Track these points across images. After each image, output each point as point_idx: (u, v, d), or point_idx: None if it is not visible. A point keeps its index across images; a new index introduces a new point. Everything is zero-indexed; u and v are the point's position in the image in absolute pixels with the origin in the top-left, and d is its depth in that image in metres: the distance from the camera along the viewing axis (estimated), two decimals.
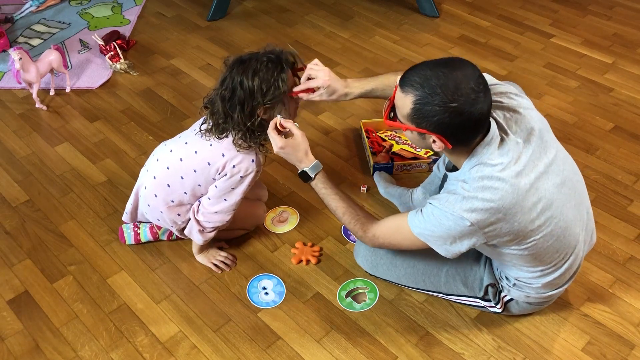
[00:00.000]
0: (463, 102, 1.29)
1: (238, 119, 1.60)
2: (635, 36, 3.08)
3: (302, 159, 1.61)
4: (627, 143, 2.41)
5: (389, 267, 1.75)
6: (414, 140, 1.44)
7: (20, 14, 3.20)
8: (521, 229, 1.40)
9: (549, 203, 1.42)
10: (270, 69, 1.58)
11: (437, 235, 1.43)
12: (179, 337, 1.71)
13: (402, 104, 1.36)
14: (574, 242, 1.52)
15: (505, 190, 1.35)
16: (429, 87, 1.30)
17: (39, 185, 2.19)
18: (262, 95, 1.57)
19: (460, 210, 1.37)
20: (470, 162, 1.40)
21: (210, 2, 3.18)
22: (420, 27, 3.14)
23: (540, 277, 1.56)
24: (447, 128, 1.32)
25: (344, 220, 1.61)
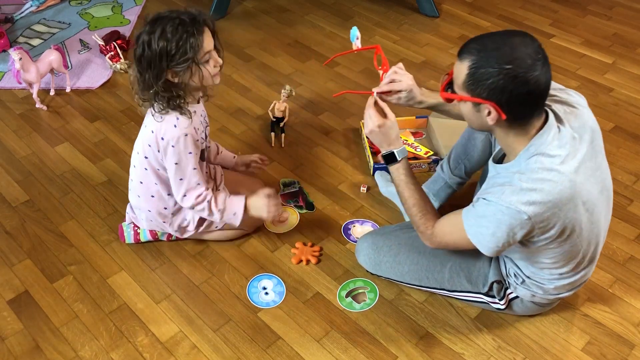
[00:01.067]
0: (518, 65, 1.25)
1: (148, 79, 1.56)
2: (635, 36, 3.09)
3: (394, 141, 1.59)
4: (627, 143, 2.41)
5: (392, 264, 1.74)
6: (468, 115, 1.40)
7: (20, 14, 3.20)
8: (568, 226, 1.39)
9: (592, 207, 1.42)
10: (179, 31, 1.50)
11: (490, 232, 1.39)
12: (179, 337, 1.71)
13: (458, 72, 1.34)
14: (598, 250, 1.54)
15: (563, 184, 1.33)
16: (484, 51, 1.29)
17: (39, 185, 2.19)
18: (167, 59, 1.51)
19: (518, 203, 1.32)
20: (528, 151, 1.36)
21: (210, 2, 3.18)
22: (420, 27, 3.14)
23: (558, 279, 1.56)
24: (501, 94, 1.28)
25: (412, 211, 1.58)
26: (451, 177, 1.96)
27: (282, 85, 2.49)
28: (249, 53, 2.92)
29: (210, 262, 1.91)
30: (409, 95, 1.65)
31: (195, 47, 1.52)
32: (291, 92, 2.42)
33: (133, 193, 1.84)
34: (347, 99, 2.62)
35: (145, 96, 1.61)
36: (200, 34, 1.54)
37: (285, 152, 2.34)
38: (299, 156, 2.32)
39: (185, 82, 1.59)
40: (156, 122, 1.64)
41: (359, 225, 2.04)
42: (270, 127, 2.40)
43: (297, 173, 2.24)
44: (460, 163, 1.92)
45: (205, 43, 1.55)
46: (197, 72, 1.57)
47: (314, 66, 2.83)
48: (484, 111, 1.34)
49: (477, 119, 1.39)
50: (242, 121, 2.50)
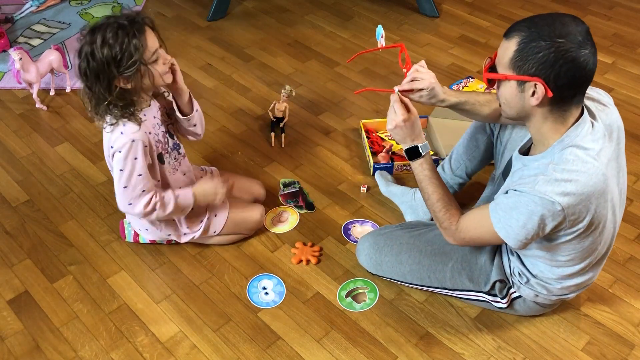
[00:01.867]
0: (570, 40, 1.24)
1: (98, 92, 1.52)
2: (635, 36, 3.09)
3: (418, 135, 1.58)
4: (627, 143, 2.37)
5: (394, 264, 1.74)
6: (510, 97, 1.36)
7: (20, 14, 3.20)
8: (595, 221, 1.38)
9: (615, 206, 1.43)
10: (120, 35, 1.47)
11: (520, 225, 1.36)
12: (179, 337, 1.71)
13: (504, 51, 1.32)
14: (608, 252, 1.55)
15: (598, 177, 1.33)
16: (535, 27, 1.27)
17: (39, 185, 2.19)
18: (115, 65, 1.48)
19: (553, 194, 1.30)
20: (562, 142, 1.35)
21: (210, 2, 3.18)
22: (420, 27, 3.14)
23: (567, 279, 1.55)
24: (551, 69, 1.25)
25: (435, 207, 1.57)
26: (452, 178, 1.96)
27: (282, 85, 2.49)
28: (249, 53, 2.92)
29: (210, 262, 1.92)
30: (430, 94, 1.63)
31: (140, 47, 1.48)
32: (291, 92, 2.42)
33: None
34: (347, 99, 2.62)
35: (101, 110, 1.57)
36: (141, 33, 1.50)
37: (285, 152, 2.34)
38: (299, 156, 2.32)
39: (138, 87, 1.56)
40: (107, 134, 1.62)
41: (359, 225, 2.04)
42: (270, 127, 2.40)
43: (297, 173, 2.24)
44: (462, 163, 1.92)
45: (149, 42, 1.52)
46: (147, 73, 1.54)
47: (314, 66, 2.83)
48: (529, 90, 1.31)
49: (519, 101, 1.35)
50: (242, 121, 2.50)
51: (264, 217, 1.99)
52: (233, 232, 1.92)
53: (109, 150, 1.64)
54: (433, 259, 1.69)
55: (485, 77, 1.39)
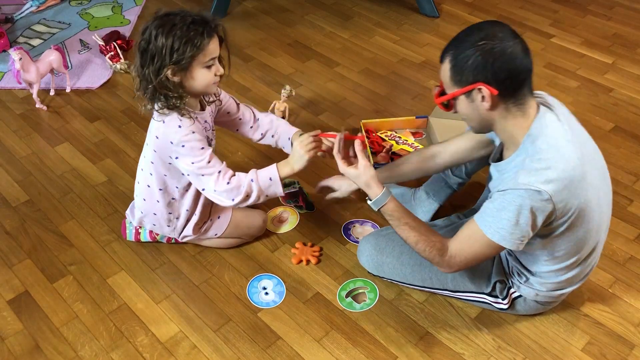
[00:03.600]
0: (490, 39, 1.32)
1: (147, 74, 1.54)
2: (635, 36, 3.09)
3: (365, 189, 1.57)
4: (627, 143, 2.41)
5: (395, 265, 1.74)
6: (467, 112, 1.41)
7: (20, 14, 3.20)
8: (583, 207, 1.39)
9: (598, 191, 1.44)
10: (190, 30, 1.49)
11: (512, 224, 1.36)
12: (179, 337, 1.71)
13: (444, 74, 1.39)
14: (601, 238, 1.54)
15: (574, 161, 1.35)
16: (458, 41, 1.37)
17: (39, 185, 2.19)
18: (170, 55, 1.50)
19: (537, 183, 1.32)
20: (531, 135, 1.37)
21: (210, 2, 3.18)
22: (420, 27, 3.14)
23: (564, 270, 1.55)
24: (485, 69, 1.32)
25: (418, 249, 1.52)
26: (451, 178, 1.96)
27: (282, 85, 2.49)
28: (249, 53, 2.92)
29: (210, 262, 1.92)
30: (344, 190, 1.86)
31: (200, 47, 1.51)
32: (291, 92, 2.42)
33: (139, 196, 1.83)
34: (347, 99, 2.62)
35: (145, 93, 1.58)
36: (209, 36, 1.52)
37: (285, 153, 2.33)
38: None
39: (184, 83, 1.58)
40: (160, 127, 1.62)
41: (359, 225, 2.04)
42: None
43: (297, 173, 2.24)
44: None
45: (210, 47, 1.54)
46: (196, 74, 1.55)
47: (314, 66, 2.84)
48: (477, 97, 1.36)
49: (475, 111, 1.39)
50: None
51: (266, 223, 1.99)
52: (234, 236, 1.91)
53: (164, 144, 1.62)
54: None
55: (438, 102, 1.45)
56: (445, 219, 1.90)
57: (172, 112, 1.60)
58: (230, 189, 1.64)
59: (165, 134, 1.61)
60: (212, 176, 1.64)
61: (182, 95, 1.59)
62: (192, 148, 1.61)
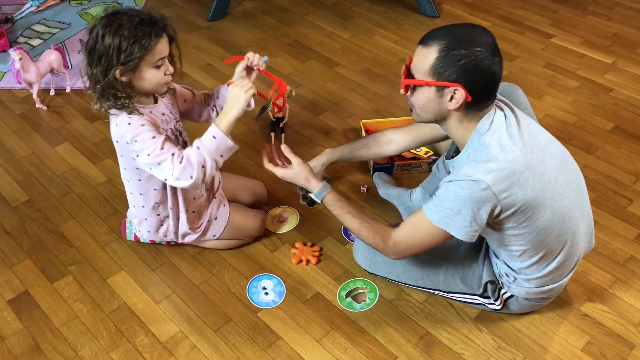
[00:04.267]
0: (486, 49, 1.34)
1: (95, 74, 1.51)
2: (635, 36, 3.09)
3: (306, 185, 1.64)
4: (627, 143, 2.41)
5: (388, 264, 1.75)
6: (427, 102, 1.42)
7: (20, 14, 3.20)
8: (533, 197, 1.41)
9: (554, 178, 1.45)
10: (137, 30, 1.47)
11: (454, 212, 1.41)
12: (179, 337, 1.71)
13: (423, 58, 1.38)
14: (574, 227, 1.54)
15: (516, 153, 1.38)
16: (454, 35, 1.36)
17: (39, 185, 2.19)
18: (117, 55, 1.47)
19: (477, 174, 1.36)
20: (478, 131, 1.42)
21: (210, 2, 3.18)
22: (420, 27, 3.14)
23: (540, 265, 1.55)
24: (471, 75, 1.34)
25: (362, 236, 1.58)
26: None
27: None
28: None
29: (210, 262, 1.92)
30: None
31: (148, 48, 1.48)
32: (291, 92, 2.42)
33: (130, 204, 1.84)
34: (347, 99, 2.62)
35: (95, 92, 1.56)
36: (157, 36, 1.50)
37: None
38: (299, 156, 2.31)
39: (133, 83, 1.55)
40: (115, 130, 1.60)
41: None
42: (270, 127, 2.40)
43: None
44: None
45: (159, 47, 1.52)
46: (145, 74, 1.54)
47: (314, 66, 2.84)
48: (447, 96, 1.38)
49: (436, 105, 1.42)
50: (242, 121, 2.49)
51: (264, 224, 1.98)
52: (233, 237, 1.91)
53: (123, 145, 1.60)
54: (426, 260, 1.70)
55: (404, 83, 1.44)
56: None
57: (122, 112, 1.58)
58: (184, 167, 1.55)
59: (121, 135, 1.59)
60: (167, 161, 1.55)
61: (131, 95, 1.57)
62: (143, 140, 1.56)
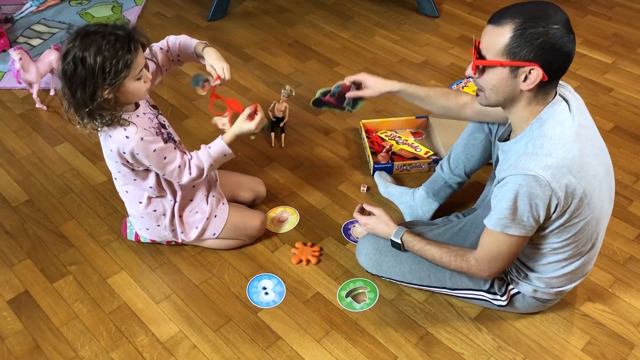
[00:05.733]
0: (563, 26, 1.29)
1: (80, 98, 1.51)
2: (635, 36, 3.09)
3: (385, 230, 1.71)
4: (627, 143, 2.41)
5: (394, 264, 1.74)
6: (500, 83, 1.36)
7: (20, 14, 3.20)
8: (583, 198, 1.39)
9: (600, 184, 1.44)
10: (116, 48, 1.47)
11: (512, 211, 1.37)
12: (179, 337, 1.71)
13: (496, 38, 1.32)
14: (601, 233, 1.54)
15: (574, 152, 1.35)
16: (529, 13, 1.29)
17: (39, 185, 2.19)
18: (102, 76, 1.48)
19: (536, 168, 1.32)
20: (541, 119, 1.38)
21: (210, 2, 3.18)
22: (420, 27, 3.14)
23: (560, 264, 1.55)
24: (549, 53, 1.29)
25: (446, 263, 1.59)
26: (451, 177, 1.96)
27: (282, 85, 2.49)
28: (249, 53, 2.92)
29: (210, 262, 1.92)
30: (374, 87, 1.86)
31: (130, 64, 1.49)
32: (291, 92, 2.42)
33: (126, 205, 1.85)
34: None
35: (81, 115, 1.56)
36: (135, 50, 1.51)
37: (285, 152, 2.34)
38: (299, 156, 2.32)
39: (119, 98, 1.56)
40: (109, 141, 1.61)
41: (358, 225, 2.04)
42: (270, 127, 2.40)
43: (296, 173, 2.25)
44: (460, 163, 1.92)
45: (138, 60, 1.53)
46: (129, 89, 1.55)
47: (314, 66, 2.84)
48: (521, 76, 1.33)
49: (509, 86, 1.36)
50: None
51: (265, 224, 1.98)
52: (233, 236, 1.91)
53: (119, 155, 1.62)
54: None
55: (475, 64, 1.38)
56: (444, 219, 1.91)
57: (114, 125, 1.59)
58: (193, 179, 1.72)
59: (118, 146, 1.60)
60: (174, 172, 1.69)
61: (117, 110, 1.58)
62: (147, 157, 1.62)
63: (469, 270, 1.56)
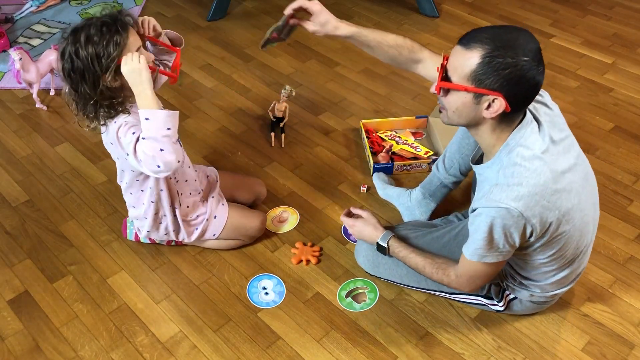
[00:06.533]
0: (532, 59, 1.26)
1: (84, 92, 1.51)
2: (635, 36, 3.08)
3: (373, 233, 1.70)
4: (627, 143, 2.41)
5: (391, 266, 1.74)
6: (463, 107, 1.35)
7: (20, 14, 3.20)
8: (561, 217, 1.38)
9: (579, 196, 1.42)
10: (104, 33, 1.46)
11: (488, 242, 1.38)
12: (179, 337, 1.71)
13: (463, 61, 1.29)
14: (588, 241, 1.54)
15: (546, 175, 1.33)
16: (500, 41, 1.26)
17: (39, 185, 2.19)
18: (98, 63, 1.47)
19: (508, 200, 1.31)
20: (508, 146, 1.36)
21: (210, 2, 3.18)
22: (420, 27, 3.14)
23: (554, 275, 1.55)
24: (515, 85, 1.27)
25: (427, 273, 1.60)
26: (446, 177, 1.95)
27: (282, 85, 2.49)
28: (249, 53, 2.92)
29: (210, 262, 1.92)
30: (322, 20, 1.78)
31: (121, 44, 1.47)
32: (291, 92, 2.42)
33: (128, 205, 1.84)
34: (347, 99, 2.62)
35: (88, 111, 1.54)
36: (125, 30, 1.49)
37: (285, 152, 2.34)
38: (299, 156, 2.32)
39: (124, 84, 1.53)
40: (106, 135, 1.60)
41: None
42: (270, 127, 2.40)
43: (297, 173, 2.25)
44: (455, 162, 1.92)
45: (131, 40, 1.51)
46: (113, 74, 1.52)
47: (314, 66, 2.84)
48: (484, 104, 1.32)
49: (471, 112, 1.35)
50: (242, 121, 2.50)
51: (265, 224, 1.98)
52: (232, 237, 1.91)
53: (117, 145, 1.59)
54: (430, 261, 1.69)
55: (439, 86, 1.35)
56: (444, 219, 1.91)
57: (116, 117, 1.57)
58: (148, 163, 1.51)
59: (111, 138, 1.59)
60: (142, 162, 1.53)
61: (127, 96, 1.56)
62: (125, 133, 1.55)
63: (450, 285, 1.57)
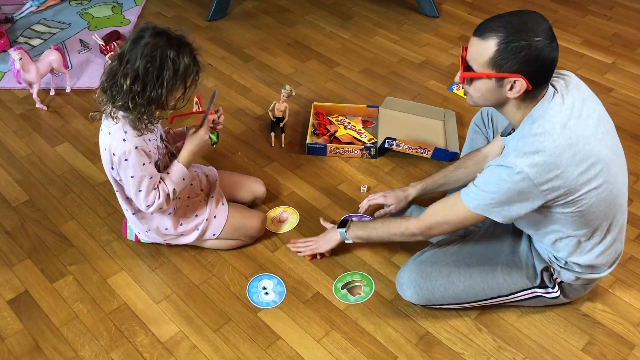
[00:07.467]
0: (545, 37, 1.33)
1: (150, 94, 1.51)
2: (635, 36, 3.09)
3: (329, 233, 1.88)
4: (627, 143, 2.40)
5: (446, 287, 1.67)
6: (487, 92, 1.43)
7: (20, 14, 3.20)
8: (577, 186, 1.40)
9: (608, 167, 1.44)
10: (198, 62, 1.60)
11: (495, 201, 1.43)
12: (179, 337, 1.71)
13: (481, 51, 1.37)
14: (620, 213, 1.55)
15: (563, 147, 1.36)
16: (512, 27, 1.34)
17: (39, 185, 2.19)
18: (183, 78, 1.55)
19: (522, 165, 1.36)
20: (531, 117, 1.41)
21: (210, 2, 3.18)
22: (420, 27, 3.14)
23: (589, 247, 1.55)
24: (532, 65, 1.34)
25: (392, 233, 1.68)
26: None
27: (282, 85, 2.49)
28: (249, 53, 2.93)
29: (210, 262, 1.92)
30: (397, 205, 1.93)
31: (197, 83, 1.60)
32: (291, 92, 2.42)
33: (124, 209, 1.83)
34: (347, 99, 2.62)
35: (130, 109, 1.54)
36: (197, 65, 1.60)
37: (285, 152, 2.34)
38: (299, 156, 2.32)
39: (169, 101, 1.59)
40: (107, 138, 1.61)
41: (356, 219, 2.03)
42: (270, 127, 2.40)
43: (297, 173, 2.25)
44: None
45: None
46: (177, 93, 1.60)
47: (314, 66, 2.84)
48: (507, 86, 1.38)
49: (496, 95, 1.42)
50: (242, 121, 2.50)
51: (264, 224, 1.98)
52: (232, 237, 1.91)
53: (110, 156, 1.62)
54: (482, 268, 1.67)
55: (463, 76, 1.44)
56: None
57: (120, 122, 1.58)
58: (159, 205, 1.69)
59: (110, 147, 1.60)
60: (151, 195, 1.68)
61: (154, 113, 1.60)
62: (133, 165, 1.61)
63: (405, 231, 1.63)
